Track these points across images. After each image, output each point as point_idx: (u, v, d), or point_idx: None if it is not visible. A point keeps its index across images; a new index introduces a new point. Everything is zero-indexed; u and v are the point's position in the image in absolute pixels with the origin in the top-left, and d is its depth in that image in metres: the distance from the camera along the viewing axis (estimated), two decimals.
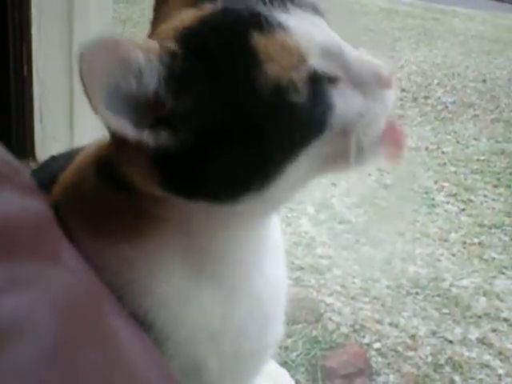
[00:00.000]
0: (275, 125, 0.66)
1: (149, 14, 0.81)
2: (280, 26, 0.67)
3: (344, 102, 0.69)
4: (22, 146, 1.64)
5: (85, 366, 0.37)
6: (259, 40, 0.65)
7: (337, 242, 3.66)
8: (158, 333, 0.74)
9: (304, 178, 0.72)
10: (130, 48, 0.64)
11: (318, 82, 0.68)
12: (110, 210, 0.74)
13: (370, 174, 4.52)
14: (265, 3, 0.68)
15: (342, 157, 0.71)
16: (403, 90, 6.42)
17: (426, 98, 6.29)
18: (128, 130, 0.64)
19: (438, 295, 3.27)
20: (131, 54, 0.64)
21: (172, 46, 0.67)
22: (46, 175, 0.78)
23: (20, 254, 0.40)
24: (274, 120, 0.65)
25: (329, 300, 3.15)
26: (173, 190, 0.70)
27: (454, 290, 3.32)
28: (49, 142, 1.63)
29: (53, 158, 1.03)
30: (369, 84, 0.71)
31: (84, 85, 0.62)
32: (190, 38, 0.67)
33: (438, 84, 6.72)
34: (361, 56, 0.72)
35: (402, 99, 6.18)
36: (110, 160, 0.75)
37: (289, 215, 3.87)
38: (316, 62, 0.68)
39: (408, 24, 9.24)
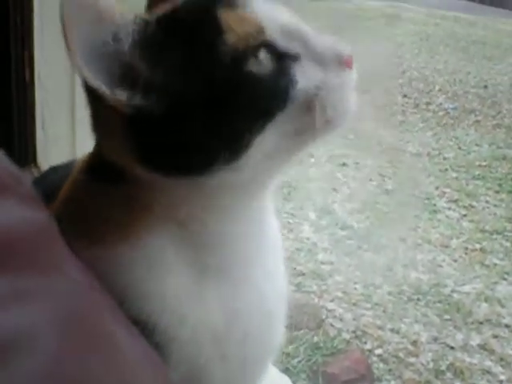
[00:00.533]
0: (239, 94, 0.69)
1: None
2: (243, 4, 0.72)
3: (305, 76, 0.73)
4: (24, 151, 1.64)
5: (88, 378, 0.37)
6: (223, 14, 0.70)
7: (338, 248, 3.66)
8: (161, 336, 0.74)
9: (276, 153, 0.73)
10: (108, 5, 0.68)
11: (279, 57, 0.72)
12: (100, 212, 0.74)
13: (371, 180, 4.52)
14: None
15: (308, 130, 0.74)
16: (405, 96, 6.43)
17: (428, 103, 6.30)
18: (103, 86, 0.67)
19: (440, 301, 3.27)
20: (109, 10, 0.68)
21: (146, 17, 0.71)
22: (46, 187, 0.79)
23: (22, 265, 0.40)
24: (238, 89, 0.68)
25: (330, 306, 3.15)
26: (149, 165, 0.71)
27: (455, 295, 3.32)
28: (51, 147, 1.63)
29: (53, 168, 1.03)
30: (329, 62, 0.74)
31: (65, 36, 0.65)
32: (163, 16, 0.71)
33: (439, 90, 6.73)
34: (321, 37, 0.74)
35: (403, 105, 6.19)
36: (97, 162, 0.77)
37: (290, 221, 3.87)
38: (276, 38, 0.72)
39: (410, 29, 9.26)
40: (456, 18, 10.18)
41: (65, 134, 1.60)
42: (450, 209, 4.28)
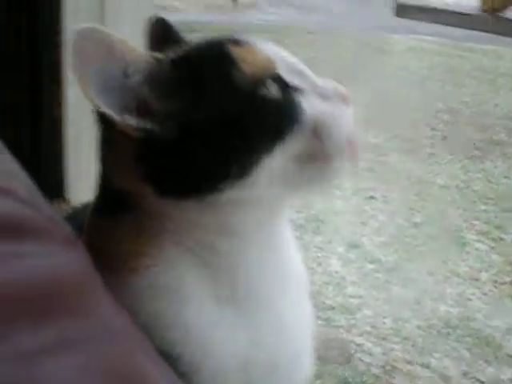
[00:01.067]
0: (252, 117, 0.74)
1: None
2: (249, 43, 0.78)
3: (310, 105, 0.78)
4: (53, 186, 1.66)
5: None
6: (234, 49, 0.76)
7: (367, 282, 3.65)
8: (186, 366, 0.74)
9: (283, 175, 0.77)
10: (120, 40, 0.72)
11: (286, 89, 0.77)
12: (112, 246, 0.74)
13: (399, 213, 4.51)
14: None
15: (314, 158, 0.78)
16: (432, 129, 6.42)
17: (456, 136, 6.28)
18: (114, 114, 0.70)
19: (470, 335, 3.23)
20: (121, 45, 0.72)
21: (159, 56, 0.76)
22: (78, 224, 0.80)
23: (65, 313, 0.40)
24: (251, 112, 0.73)
25: (359, 340, 3.14)
26: (161, 189, 0.74)
27: (485, 329, 3.29)
28: (80, 182, 1.65)
29: (85, 205, 1.05)
30: (330, 96, 0.79)
31: (74, 67, 0.69)
32: (178, 56, 0.77)
33: (466, 122, 6.71)
34: (320, 78, 0.81)
35: (431, 137, 6.18)
36: (101, 198, 0.81)
37: (319, 255, 3.86)
38: (283, 72, 0.78)
39: (435, 62, 9.26)
40: (483, 50, 10.16)
41: (94, 169, 1.62)
42: (479, 241, 4.25)
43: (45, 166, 1.65)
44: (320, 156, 0.78)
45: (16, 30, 1.58)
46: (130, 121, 0.71)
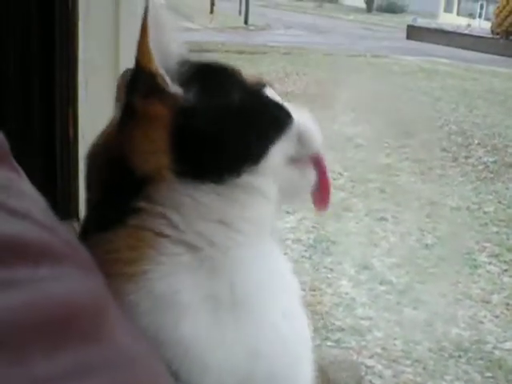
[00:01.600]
0: (260, 110, 0.83)
1: None
2: None
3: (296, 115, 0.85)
4: (67, 206, 1.67)
5: None
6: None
7: (377, 304, 3.64)
8: (185, 382, 0.73)
9: (280, 172, 0.83)
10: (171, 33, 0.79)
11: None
12: (113, 255, 0.74)
13: (410, 234, 4.50)
14: None
15: (299, 163, 0.86)
16: (444, 150, 6.42)
17: (467, 157, 6.28)
18: (168, 79, 0.76)
19: (481, 358, 3.21)
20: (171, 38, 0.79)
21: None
22: None
23: (83, 338, 0.40)
24: (259, 106, 0.83)
25: (370, 362, 3.12)
26: (184, 170, 0.77)
27: (497, 352, 3.27)
28: None
29: None
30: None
31: (143, 31, 0.75)
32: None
33: (478, 144, 6.71)
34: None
35: (442, 159, 6.18)
36: (90, 220, 0.81)
37: (329, 276, 3.86)
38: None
39: (448, 84, 9.28)
40: (494, 72, 10.19)
41: None
42: (490, 263, 4.24)
43: (58, 187, 1.66)
44: (302, 160, 0.85)
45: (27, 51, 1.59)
46: (178, 90, 0.78)
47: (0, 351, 0.35)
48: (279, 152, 0.81)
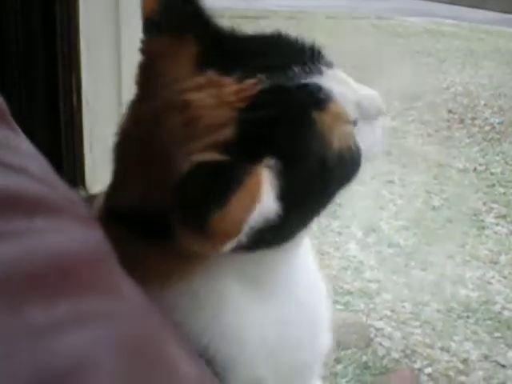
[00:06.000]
0: (335, 178, 0.74)
1: None
2: (328, 95, 0.71)
3: (363, 140, 0.76)
4: (73, 175, 1.66)
5: None
6: (319, 118, 0.69)
7: (385, 266, 3.64)
8: (219, 366, 0.73)
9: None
10: None
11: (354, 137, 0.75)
12: (140, 259, 0.69)
13: (417, 197, 4.49)
14: (306, 72, 0.71)
15: None
16: (450, 112, 6.38)
17: (473, 119, 6.24)
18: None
19: (490, 318, 3.22)
20: None
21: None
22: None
23: (82, 288, 0.40)
24: (332, 179, 0.74)
25: (379, 325, 3.13)
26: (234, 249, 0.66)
27: (505, 313, 3.28)
28: (99, 171, 1.65)
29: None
30: (373, 116, 0.77)
31: None
32: (255, 128, 0.67)
33: (484, 105, 6.67)
34: (365, 93, 0.77)
35: (448, 120, 6.15)
36: (127, 205, 0.73)
37: (337, 239, 3.86)
38: (352, 116, 0.74)
39: (453, 45, 9.20)
40: (500, 32, 10.09)
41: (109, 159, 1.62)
42: (498, 224, 4.23)
43: (63, 155, 1.65)
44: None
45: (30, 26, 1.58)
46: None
47: None
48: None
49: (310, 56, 0.74)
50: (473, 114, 6.37)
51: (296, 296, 0.83)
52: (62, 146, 1.63)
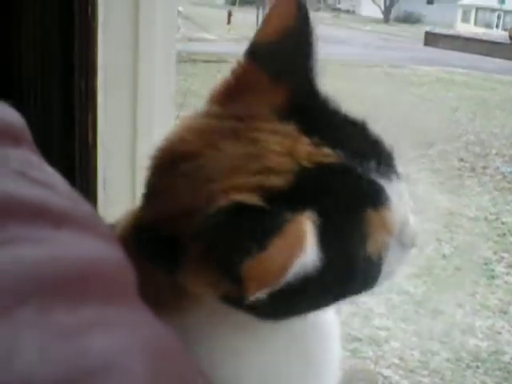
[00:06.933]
0: (354, 279, 0.69)
1: (207, 85, 0.81)
2: (386, 201, 0.70)
3: (389, 262, 0.73)
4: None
5: None
6: (371, 218, 0.67)
7: (395, 313, 3.62)
8: None
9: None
10: None
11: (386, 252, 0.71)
12: (147, 283, 0.68)
13: (428, 244, 4.48)
14: (379, 172, 0.70)
15: None
16: (461, 160, 6.40)
17: (485, 167, 6.25)
18: None
19: (499, 369, 3.19)
20: None
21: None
22: None
23: (106, 296, 0.40)
24: (357, 278, 0.69)
25: (387, 372, 3.10)
26: (231, 304, 0.65)
27: None
28: (111, 209, 1.66)
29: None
30: (406, 246, 0.75)
31: None
32: (307, 190, 0.65)
33: (496, 154, 6.68)
34: (412, 223, 0.75)
35: (460, 169, 6.16)
36: (147, 231, 0.72)
37: None
38: (395, 235, 0.70)
39: (465, 94, 9.25)
40: None
41: (125, 195, 1.63)
42: (508, 274, 4.21)
43: (77, 192, 1.66)
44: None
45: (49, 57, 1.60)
46: None
47: (26, 302, 0.35)
48: None
49: (387, 159, 0.72)
50: (484, 163, 6.38)
51: (303, 347, 0.80)
52: (75, 184, 1.64)
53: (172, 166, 0.69)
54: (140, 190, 0.78)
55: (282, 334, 0.77)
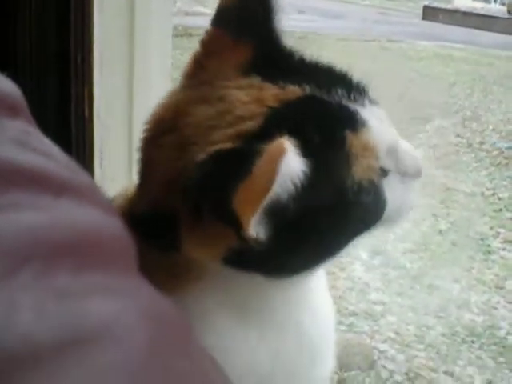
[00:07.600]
0: (348, 219, 0.70)
1: None
2: (363, 122, 0.70)
3: (391, 193, 0.73)
4: None
5: (177, 374, 0.37)
6: (351, 141, 0.67)
7: (391, 288, 3.63)
8: None
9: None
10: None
11: (379, 179, 0.72)
12: (143, 265, 0.68)
13: (424, 220, 4.49)
14: (350, 98, 0.70)
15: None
16: (458, 136, 6.39)
17: (481, 143, 6.25)
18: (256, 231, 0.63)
19: (494, 343, 3.21)
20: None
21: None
22: None
23: (106, 262, 0.40)
24: (348, 216, 0.70)
25: (382, 347, 3.12)
26: (235, 264, 0.68)
27: (510, 338, 3.26)
28: (107, 183, 1.65)
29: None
30: (410, 175, 0.75)
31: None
32: (282, 126, 0.63)
33: (493, 129, 6.67)
34: (408, 149, 0.75)
35: (456, 145, 6.15)
36: (143, 213, 0.71)
37: (342, 260, 3.85)
38: (382, 161, 0.71)
39: (463, 69, 9.22)
40: (510, 57, 10.11)
41: (121, 170, 1.63)
42: (504, 249, 4.22)
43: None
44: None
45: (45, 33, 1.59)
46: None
47: (25, 265, 0.35)
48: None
49: (356, 87, 0.73)
50: (481, 139, 6.37)
51: (298, 324, 0.80)
52: (72, 158, 1.64)
53: (155, 144, 0.70)
54: (136, 165, 0.78)
55: (279, 313, 0.77)
